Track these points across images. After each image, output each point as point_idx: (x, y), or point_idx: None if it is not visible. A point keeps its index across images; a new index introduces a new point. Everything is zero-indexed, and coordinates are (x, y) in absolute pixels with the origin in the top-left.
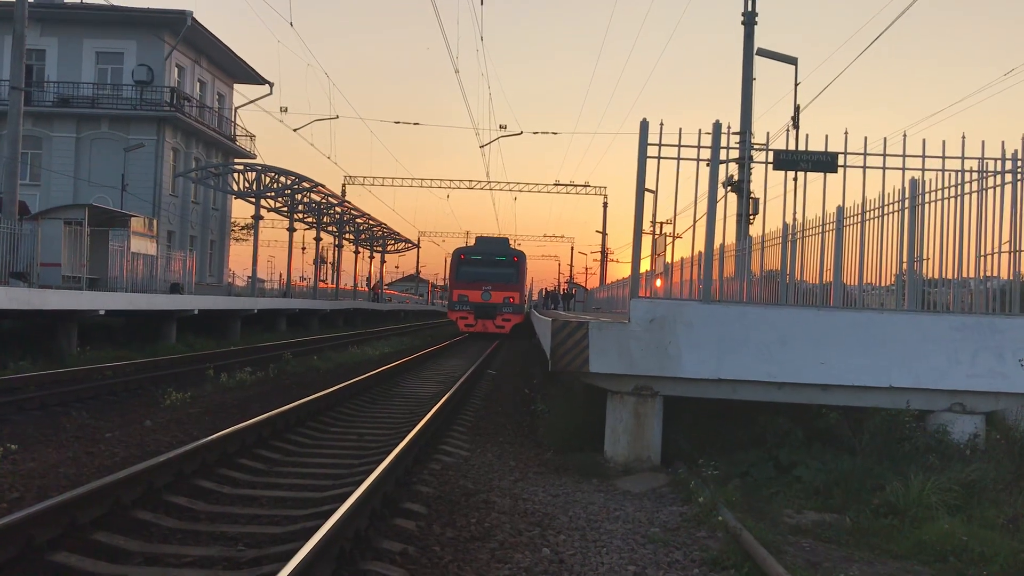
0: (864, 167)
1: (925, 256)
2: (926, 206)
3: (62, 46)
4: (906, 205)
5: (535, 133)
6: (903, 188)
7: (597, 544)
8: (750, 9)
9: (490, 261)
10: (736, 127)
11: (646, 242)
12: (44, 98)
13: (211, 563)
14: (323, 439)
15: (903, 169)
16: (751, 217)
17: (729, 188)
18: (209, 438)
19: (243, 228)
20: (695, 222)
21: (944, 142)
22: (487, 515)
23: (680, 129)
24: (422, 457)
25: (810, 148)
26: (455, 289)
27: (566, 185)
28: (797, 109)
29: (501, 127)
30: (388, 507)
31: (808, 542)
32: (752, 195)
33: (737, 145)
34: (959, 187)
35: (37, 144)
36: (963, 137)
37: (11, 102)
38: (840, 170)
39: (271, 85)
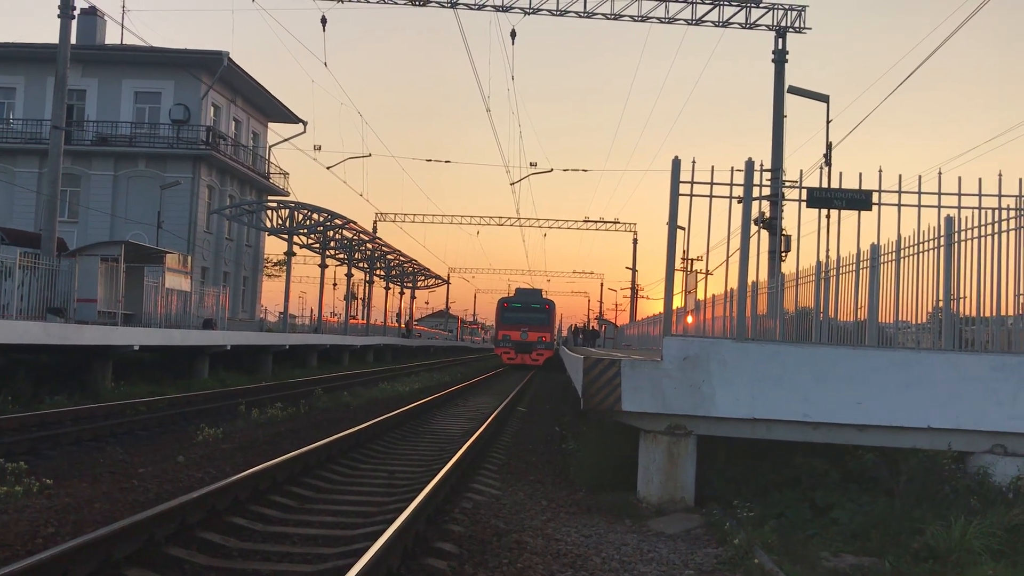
0: (899, 205)
1: (962, 295)
2: (963, 244)
3: (102, 86)
4: (942, 243)
5: (565, 170)
6: (938, 226)
7: None
8: (780, 47)
9: (527, 308)
10: (767, 164)
11: (678, 279)
12: (83, 137)
13: None
14: (354, 476)
15: (939, 207)
16: (783, 254)
17: (761, 225)
18: (241, 475)
19: (275, 264)
20: (727, 259)
21: (980, 179)
22: (519, 555)
23: (712, 167)
24: (453, 496)
25: (844, 185)
26: (500, 330)
27: (596, 222)
28: (829, 147)
29: (531, 164)
30: (420, 546)
31: None
32: (784, 232)
33: (769, 182)
34: (995, 224)
35: (76, 182)
36: (999, 175)
37: (52, 141)
38: (875, 208)
39: (305, 124)
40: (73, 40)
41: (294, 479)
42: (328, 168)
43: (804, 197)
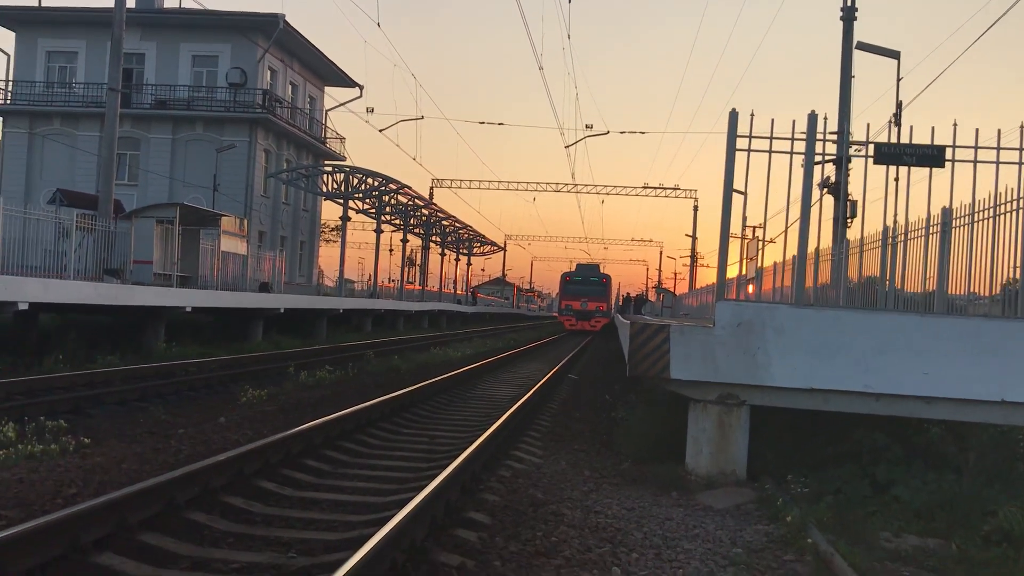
0: (975, 161)
1: None
2: None
3: (160, 50)
4: (1021, 205)
5: (622, 133)
6: (1019, 186)
7: (673, 564)
8: (849, 4)
9: (587, 281)
10: (833, 127)
11: (735, 245)
12: (143, 100)
13: (259, 570)
14: (393, 440)
15: (1020, 164)
16: (848, 220)
17: (825, 190)
18: (272, 438)
19: (333, 229)
20: (787, 226)
21: None
22: (555, 528)
23: (772, 120)
24: (492, 463)
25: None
26: (563, 300)
27: (655, 188)
28: (899, 105)
29: (587, 127)
30: (450, 516)
31: (909, 570)
32: (850, 197)
33: (834, 141)
34: None
35: (135, 145)
36: None
37: (108, 103)
38: (948, 165)
39: (361, 88)
40: (131, 3)
41: (330, 443)
42: (381, 131)
43: (871, 153)
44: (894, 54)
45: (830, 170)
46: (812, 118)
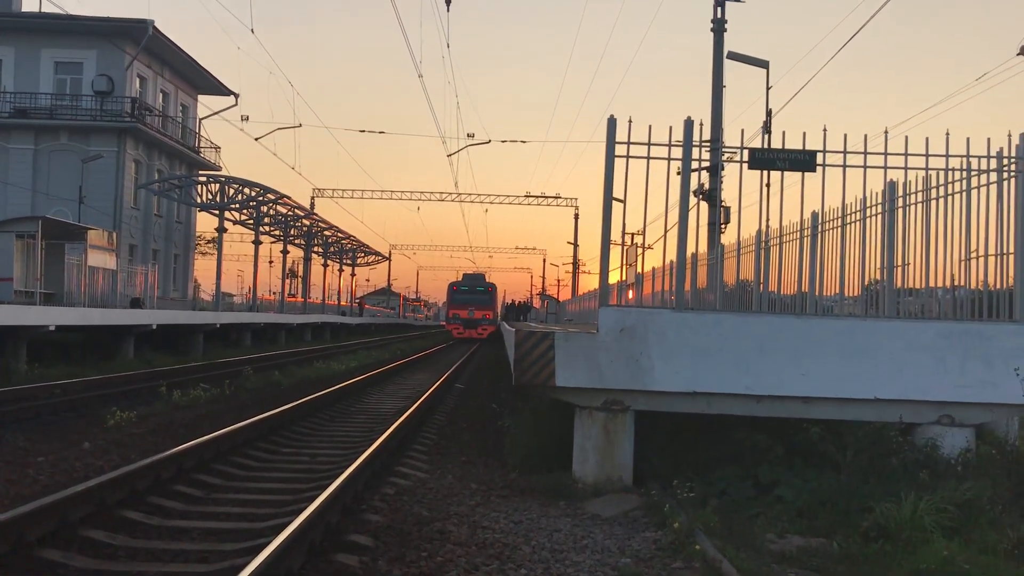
0: (844, 166)
1: (907, 261)
2: (909, 208)
3: (19, 55)
4: (885, 208)
5: (503, 142)
6: (885, 190)
7: None
8: (719, 16)
9: (473, 291)
10: (707, 135)
11: (616, 252)
12: (0, 109)
13: None
14: (272, 461)
15: (885, 168)
16: (723, 226)
17: (700, 197)
18: (139, 463)
19: (209, 242)
20: (666, 232)
21: (928, 139)
22: (441, 547)
23: (650, 126)
24: (375, 481)
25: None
26: (451, 309)
27: (537, 197)
28: (769, 114)
29: (469, 136)
30: (330, 540)
31: (794, 571)
32: (724, 204)
33: (709, 146)
34: (945, 186)
35: None
36: (947, 134)
37: None
38: (819, 170)
39: (236, 96)
40: None
41: (204, 466)
42: (257, 139)
43: (746, 158)
44: (763, 63)
45: (705, 177)
46: (688, 124)
